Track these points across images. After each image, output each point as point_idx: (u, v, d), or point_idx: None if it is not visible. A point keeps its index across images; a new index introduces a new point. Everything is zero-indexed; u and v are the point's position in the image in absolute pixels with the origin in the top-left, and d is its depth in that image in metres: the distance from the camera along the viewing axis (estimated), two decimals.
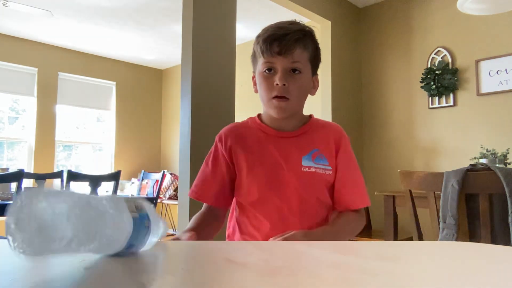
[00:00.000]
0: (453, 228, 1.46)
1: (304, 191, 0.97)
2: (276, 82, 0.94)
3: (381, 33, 3.82)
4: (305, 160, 0.98)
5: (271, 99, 0.95)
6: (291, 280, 0.41)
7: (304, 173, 0.97)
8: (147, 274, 0.44)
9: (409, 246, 0.62)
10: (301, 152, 0.99)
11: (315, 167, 0.98)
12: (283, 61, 0.94)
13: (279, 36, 0.94)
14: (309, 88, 1.03)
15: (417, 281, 0.40)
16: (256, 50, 0.98)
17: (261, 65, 0.97)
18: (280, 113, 0.97)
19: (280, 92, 0.94)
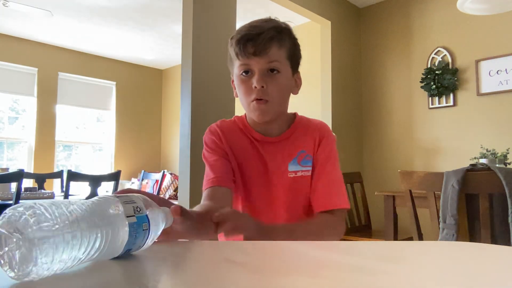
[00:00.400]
0: (453, 228, 1.46)
1: (290, 197, 0.95)
2: (254, 85, 0.89)
3: (381, 33, 3.82)
4: (292, 165, 0.95)
5: (250, 102, 0.91)
6: (291, 280, 0.41)
7: (290, 179, 0.94)
8: (147, 274, 0.44)
9: (409, 246, 0.62)
10: (287, 157, 0.96)
11: (302, 170, 0.95)
12: (259, 62, 0.89)
13: (253, 36, 0.88)
14: (290, 87, 0.98)
15: (417, 281, 0.40)
16: (231, 52, 0.93)
17: (237, 67, 0.92)
18: (262, 117, 0.92)
19: (259, 94, 0.89)
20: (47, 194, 3.12)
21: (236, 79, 0.95)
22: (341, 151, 3.85)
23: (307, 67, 4.13)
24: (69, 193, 2.78)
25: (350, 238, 2.63)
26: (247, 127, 0.99)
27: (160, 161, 6.21)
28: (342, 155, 3.92)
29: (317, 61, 3.89)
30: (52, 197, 3.09)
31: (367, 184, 3.55)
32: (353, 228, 2.80)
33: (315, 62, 3.98)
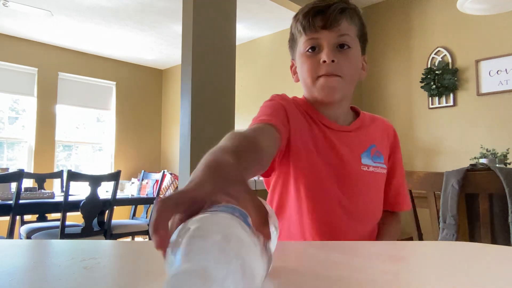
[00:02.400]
0: (453, 228, 1.46)
1: (363, 192, 0.86)
2: (322, 59, 0.80)
3: (381, 33, 3.82)
4: (364, 158, 0.87)
5: (316, 79, 0.81)
6: (292, 280, 0.41)
7: (363, 172, 0.86)
8: (147, 274, 0.44)
9: (409, 246, 0.62)
10: (359, 148, 0.87)
11: (374, 166, 0.88)
12: (329, 35, 0.81)
13: (322, 8, 0.81)
14: (359, 67, 0.88)
15: (417, 281, 0.40)
16: (295, 29, 0.85)
17: (303, 44, 0.83)
18: (330, 94, 0.82)
19: (329, 69, 0.80)
20: (47, 194, 3.12)
21: (300, 57, 0.85)
22: None
23: None
24: (69, 193, 2.78)
25: None
26: (316, 113, 0.86)
27: (160, 161, 6.21)
28: None
29: None
30: (52, 197, 3.09)
31: None
32: None
33: None
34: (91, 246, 0.61)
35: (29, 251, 0.59)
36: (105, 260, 0.51)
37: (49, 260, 0.52)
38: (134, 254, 0.56)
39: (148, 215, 3.59)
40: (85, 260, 0.48)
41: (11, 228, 2.55)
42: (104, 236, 3.00)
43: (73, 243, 0.65)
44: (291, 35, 0.89)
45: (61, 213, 2.77)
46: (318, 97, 0.84)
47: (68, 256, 0.52)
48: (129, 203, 3.80)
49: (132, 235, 3.43)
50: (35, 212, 3.18)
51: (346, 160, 0.85)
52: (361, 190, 0.86)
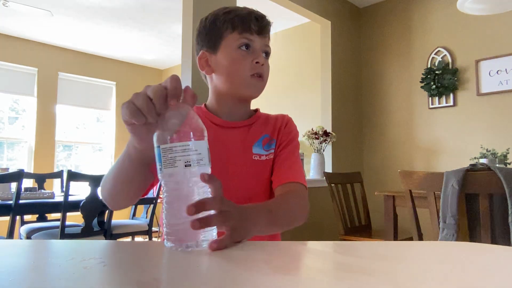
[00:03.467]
0: (453, 228, 1.46)
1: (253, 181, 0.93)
2: (257, 61, 0.90)
3: (381, 33, 3.82)
4: (255, 148, 0.94)
5: (248, 76, 0.90)
6: (291, 280, 0.41)
7: (254, 161, 0.93)
8: (146, 274, 0.44)
9: (409, 246, 0.62)
10: (251, 141, 0.95)
11: (266, 154, 0.94)
12: (261, 41, 0.92)
13: (259, 16, 0.92)
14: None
15: (417, 281, 0.40)
16: (226, 24, 0.91)
17: (236, 40, 0.90)
18: (257, 92, 0.93)
19: (260, 71, 0.90)
20: (47, 194, 3.12)
21: (230, 52, 0.91)
22: (341, 151, 3.86)
23: (307, 67, 4.14)
24: (69, 193, 2.78)
25: (350, 238, 2.63)
26: (208, 114, 0.97)
27: None
28: (342, 155, 3.92)
29: (317, 61, 3.89)
30: (52, 197, 3.09)
31: (367, 184, 3.55)
32: (353, 228, 2.80)
33: (315, 62, 3.98)
34: (91, 246, 0.61)
35: (29, 251, 0.59)
36: (105, 260, 0.51)
37: (49, 260, 0.52)
38: (134, 254, 0.56)
39: (148, 215, 3.59)
40: (85, 260, 0.48)
41: (11, 228, 2.55)
42: (104, 236, 3.00)
43: (73, 243, 0.65)
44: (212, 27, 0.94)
45: (61, 213, 2.77)
46: (243, 93, 0.93)
47: (68, 256, 0.52)
48: None
49: (132, 235, 3.43)
50: (35, 212, 3.18)
51: (234, 153, 0.93)
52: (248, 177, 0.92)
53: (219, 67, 0.93)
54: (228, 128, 0.95)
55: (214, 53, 0.93)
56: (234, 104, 0.96)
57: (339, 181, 2.86)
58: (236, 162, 0.92)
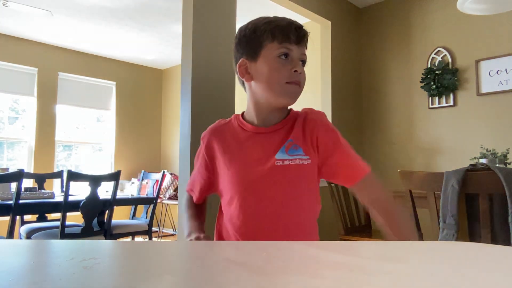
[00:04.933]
0: (453, 228, 1.46)
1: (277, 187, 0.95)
2: (295, 69, 0.94)
3: (381, 33, 3.82)
4: (279, 154, 0.96)
5: (284, 84, 0.94)
6: (291, 280, 0.41)
7: (276, 167, 0.95)
8: (147, 274, 0.44)
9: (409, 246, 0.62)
10: (276, 147, 0.97)
11: (290, 159, 0.95)
12: (298, 50, 0.95)
13: (297, 26, 0.96)
14: None
15: (417, 281, 0.40)
16: (266, 34, 0.95)
17: (276, 49, 0.94)
18: (294, 99, 0.97)
19: (297, 79, 0.95)
20: (47, 194, 3.12)
21: (269, 60, 0.95)
22: None
23: (307, 67, 4.14)
24: (69, 193, 2.78)
25: (350, 238, 2.63)
26: (241, 122, 1.03)
27: (160, 161, 6.21)
28: None
29: (317, 61, 3.89)
30: (52, 197, 3.09)
31: None
32: (353, 228, 2.80)
33: (315, 62, 3.98)
34: (91, 246, 0.61)
35: (29, 251, 0.59)
36: (105, 260, 0.51)
37: (49, 260, 0.52)
38: (134, 254, 0.56)
39: (148, 215, 3.59)
40: (85, 260, 0.48)
41: (11, 228, 2.55)
42: (104, 236, 3.00)
43: (73, 243, 0.65)
44: (253, 37, 0.97)
45: (61, 213, 2.77)
46: (281, 100, 0.97)
47: (68, 256, 0.52)
48: (129, 203, 3.80)
49: (132, 235, 3.43)
50: (35, 212, 3.18)
51: (257, 159, 0.97)
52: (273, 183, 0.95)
53: (258, 75, 0.97)
54: (256, 134, 1.00)
55: (254, 61, 0.98)
56: (271, 111, 1.00)
57: None
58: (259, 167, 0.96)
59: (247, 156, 0.98)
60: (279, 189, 0.95)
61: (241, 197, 0.96)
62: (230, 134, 1.02)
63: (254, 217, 0.95)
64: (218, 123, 1.08)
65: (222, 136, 1.03)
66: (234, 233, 0.98)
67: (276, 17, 0.99)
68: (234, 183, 0.98)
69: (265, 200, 0.95)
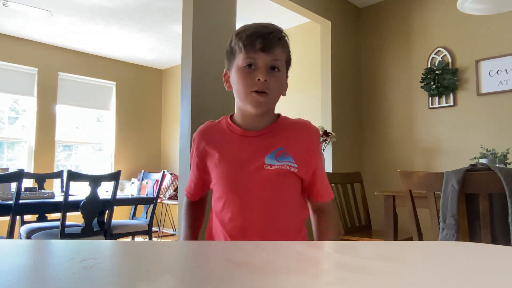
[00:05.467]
0: (453, 228, 1.46)
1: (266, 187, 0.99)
2: (258, 78, 0.95)
3: (381, 33, 3.82)
4: (268, 159, 0.99)
5: (250, 93, 0.96)
6: (291, 280, 0.41)
7: (265, 171, 0.99)
8: (147, 274, 0.44)
9: (409, 246, 0.62)
10: (265, 151, 1.00)
11: (278, 164, 0.99)
12: (265, 58, 0.96)
13: (264, 34, 0.96)
14: (283, 87, 1.05)
15: (417, 281, 0.40)
16: (236, 45, 0.99)
17: (242, 60, 0.97)
18: (259, 108, 0.98)
19: (261, 87, 0.95)
20: (47, 194, 3.12)
21: (237, 71, 0.99)
22: (341, 151, 3.85)
23: (307, 67, 4.14)
24: (69, 193, 2.78)
25: (350, 238, 2.63)
26: (230, 124, 1.05)
27: (160, 161, 6.21)
28: (342, 155, 3.91)
29: (317, 61, 3.89)
30: (52, 197, 3.09)
31: (367, 184, 3.55)
32: (353, 228, 2.80)
33: (315, 62, 3.98)
34: (91, 246, 0.61)
35: (29, 251, 0.59)
36: (105, 260, 0.51)
37: (49, 260, 0.52)
38: (134, 254, 0.56)
39: (148, 215, 3.59)
40: (85, 260, 0.48)
41: (11, 228, 2.55)
42: (104, 236, 3.00)
43: (73, 243, 0.65)
44: (229, 48, 1.02)
45: (61, 213, 2.77)
46: (247, 108, 0.99)
47: (68, 256, 0.52)
48: (129, 203, 3.80)
49: (132, 235, 3.43)
50: (35, 212, 3.18)
51: (246, 160, 1.00)
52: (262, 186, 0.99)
53: (233, 84, 1.02)
54: (243, 137, 1.03)
55: (230, 71, 1.03)
56: (253, 117, 1.02)
57: (339, 181, 2.86)
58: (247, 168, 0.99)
59: (236, 156, 1.01)
60: (265, 191, 0.99)
61: (229, 195, 1.01)
62: (220, 134, 1.05)
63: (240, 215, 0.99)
64: (208, 124, 1.10)
65: (211, 136, 1.06)
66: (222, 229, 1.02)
67: (250, 25, 1.01)
68: (222, 181, 1.01)
69: (252, 200, 0.99)
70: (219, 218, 1.03)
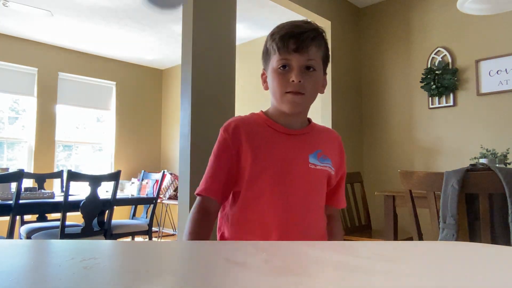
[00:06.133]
0: (453, 228, 1.46)
1: (310, 186, 1.00)
2: (292, 79, 0.95)
3: (381, 33, 3.82)
4: (312, 158, 1.00)
5: (285, 93, 0.96)
6: (291, 280, 0.41)
7: (311, 169, 1.00)
8: (147, 274, 0.44)
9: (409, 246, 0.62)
10: (308, 150, 1.01)
11: (321, 166, 1.01)
12: (299, 58, 0.95)
13: (296, 34, 0.96)
14: (320, 86, 1.04)
15: (417, 281, 0.40)
16: (271, 47, 0.99)
17: (276, 61, 0.97)
18: (294, 108, 0.98)
19: (295, 88, 0.95)
20: (47, 194, 3.12)
21: (272, 72, 0.99)
22: None
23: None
24: (69, 193, 2.78)
25: (350, 238, 2.63)
26: (268, 120, 1.03)
27: (160, 161, 6.21)
28: None
29: None
30: (52, 197, 3.09)
31: (367, 184, 3.55)
32: (353, 228, 2.80)
33: None
34: (91, 246, 0.61)
35: (29, 251, 0.59)
36: (105, 260, 0.51)
37: (49, 260, 0.52)
38: (134, 254, 0.56)
39: (148, 215, 3.59)
40: (85, 260, 0.48)
41: (11, 228, 2.55)
42: (104, 236, 3.00)
43: (73, 243, 0.65)
44: (265, 49, 1.02)
45: (61, 213, 2.77)
46: (283, 109, 0.99)
47: (68, 256, 0.52)
48: (129, 203, 3.81)
49: (132, 235, 3.43)
50: (35, 212, 3.18)
51: (292, 158, 0.99)
52: (305, 184, 0.99)
53: (269, 85, 1.02)
54: (287, 135, 1.01)
55: (267, 72, 1.03)
56: (287, 116, 1.02)
57: None
58: (295, 167, 0.99)
59: (282, 152, 0.99)
60: (310, 190, 1.01)
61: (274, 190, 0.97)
62: (258, 130, 1.01)
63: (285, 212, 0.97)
64: (239, 117, 1.05)
65: (249, 128, 1.01)
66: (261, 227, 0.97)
67: (283, 25, 1.00)
68: (266, 177, 0.97)
69: (296, 198, 0.98)
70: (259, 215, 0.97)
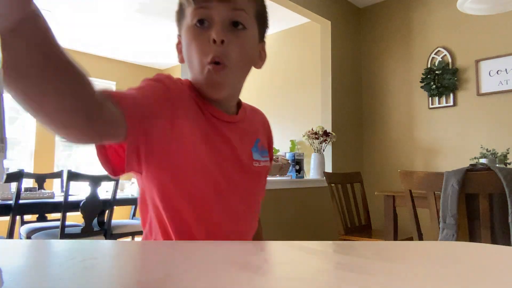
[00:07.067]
0: (453, 228, 1.46)
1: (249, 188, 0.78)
2: (212, 37, 0.66)
3: (381, 33, 3.82)
4: (254, 153, 0.78)
5: (205, 65, 0.67)
6: (291, 280, 0.41)
7: (256, 168, 0.78)
8: (147, 274, 0.44)
9: (409, 246, 0.62)
10: (248, 142, 0.78)
11: (263, 160, 0.80)
12: (222, 7, 0.67)
13: None
14: (254, 56, 0.75)
15: (417, 281, 0.40)
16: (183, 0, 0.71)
17: (190, 15, 0.69)
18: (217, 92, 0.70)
19: (217, 52, 0.66)
20: (47, 194, 3.12)
21: (186, 33, 0.70)
22: (341, 151, 3.84)
23: (307, 67, 4.14)
24: (69, 193, 2.78)
25: (350, 238, 2.63)
26: (202, 101, 0.72)
27: None
28: (342, 155, 3.90)
29: (317, 61, 3.89)
30: (52, 197, 3.09)
31: (367, 184, 3.55)
32: (353, 228, 2.80)
33: (315, 62, 3.98)
34: (91, 246, 0.61)
35: (29, 251, 0.59)
36: (105, 260, 0.51)
37: (49, 260, 0.52)
38: (134, 254, 0.56)
39: None
40: (85, 260, 0.48)
41: (11, 228, 2.55)
42: (104, 236, 3.00)
43: (73, 243, 0.65)
44: (179, 6, 0.74)
45: (61, 213, 2.77)
46: (204, 90, 0.71)
47: (68, 256, 0.52)
48: (129, 203, 3.80)
49: (132, 235, 3.43)
50: (35, 212, 3.18)
51: (240, 155, 0.75)
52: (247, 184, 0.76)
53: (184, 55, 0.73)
54: (228, 123, 0.75)
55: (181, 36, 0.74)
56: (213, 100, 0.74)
57: (339, 181, 2.86)
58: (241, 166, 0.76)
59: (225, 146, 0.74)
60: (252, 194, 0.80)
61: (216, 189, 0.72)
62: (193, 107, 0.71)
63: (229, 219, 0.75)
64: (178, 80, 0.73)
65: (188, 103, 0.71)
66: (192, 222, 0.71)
67: None
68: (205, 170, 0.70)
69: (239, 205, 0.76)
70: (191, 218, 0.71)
